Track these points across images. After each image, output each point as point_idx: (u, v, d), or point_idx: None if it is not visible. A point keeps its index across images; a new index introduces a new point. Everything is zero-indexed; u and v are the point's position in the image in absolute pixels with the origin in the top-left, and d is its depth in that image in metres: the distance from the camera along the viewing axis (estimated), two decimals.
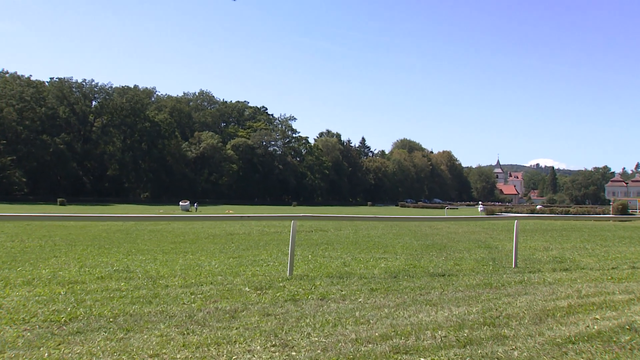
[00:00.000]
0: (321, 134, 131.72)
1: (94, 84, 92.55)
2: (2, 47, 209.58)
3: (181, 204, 56.71)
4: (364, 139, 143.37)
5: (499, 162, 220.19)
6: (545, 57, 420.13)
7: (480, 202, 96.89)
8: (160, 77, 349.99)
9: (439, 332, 4.86)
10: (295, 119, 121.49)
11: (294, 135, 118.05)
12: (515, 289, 7.29)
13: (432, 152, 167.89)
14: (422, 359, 4.15)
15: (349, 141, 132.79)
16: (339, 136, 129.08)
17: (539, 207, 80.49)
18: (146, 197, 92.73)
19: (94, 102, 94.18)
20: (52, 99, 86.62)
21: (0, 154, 74.49)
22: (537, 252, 12.65)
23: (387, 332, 4.82)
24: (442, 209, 75.31)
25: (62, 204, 60.77)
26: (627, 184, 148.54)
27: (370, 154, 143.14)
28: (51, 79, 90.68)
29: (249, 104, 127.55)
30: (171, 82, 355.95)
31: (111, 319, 5.19)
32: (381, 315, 5.53)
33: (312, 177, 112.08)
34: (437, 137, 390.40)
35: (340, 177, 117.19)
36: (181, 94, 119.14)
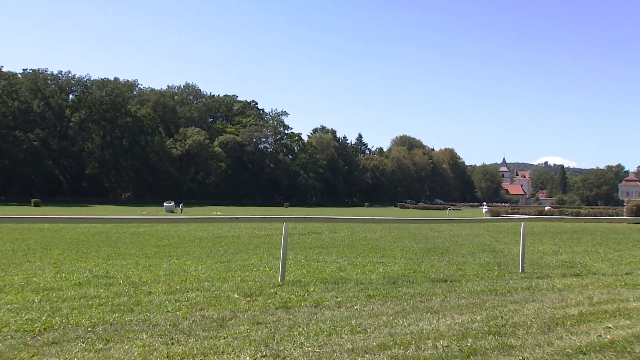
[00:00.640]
0: (315, 130, 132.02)
1: (70, 75, 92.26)
2: None
3: (165, 204, 56.57)
4: (360, 136, 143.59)
5: (504, 160, 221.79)
6: (554, 48, 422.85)
7: (484, 203, 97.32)
8: (142, 69, 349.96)
9: (441, 341, 4.87)
10: (287, 114, 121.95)
11: (286, 131, 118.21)
12: (522, 295, 7.31)
13: (433, 149, 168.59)
14: None
15: (345, 138, 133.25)
16: (334, 132, 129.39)
17: (547, 208, 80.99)
18: (128, 198, 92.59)
19: (71, 96, 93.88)
20: (25, 92, 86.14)
21: None
22: (545, 257, 12.70)
23: (386, 342, 4.82)
24: (444, 210, 75.71)
25: (37, 205, 60.66)
26: None
27: (367, 152, 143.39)
28: (24, 70, 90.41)
29: (238, 98, 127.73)
30: (154, 74, 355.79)
31: (89, 329, 5.16)
32: (379, 323, 5.54)
33: (305, 176, 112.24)
34: (439, 133, 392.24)
35: (335, 176, 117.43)
36: (165, 87, 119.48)
